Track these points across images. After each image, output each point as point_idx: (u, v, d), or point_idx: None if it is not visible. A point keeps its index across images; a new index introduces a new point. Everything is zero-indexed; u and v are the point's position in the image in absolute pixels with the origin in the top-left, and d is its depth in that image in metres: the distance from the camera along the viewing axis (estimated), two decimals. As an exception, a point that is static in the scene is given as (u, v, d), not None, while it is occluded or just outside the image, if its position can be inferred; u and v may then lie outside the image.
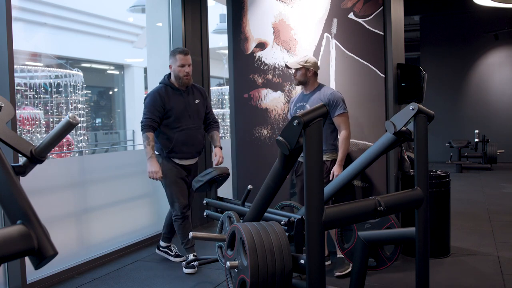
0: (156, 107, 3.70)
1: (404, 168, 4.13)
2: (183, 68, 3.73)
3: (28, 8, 10.34)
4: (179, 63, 3.73)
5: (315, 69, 3.69)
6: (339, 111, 3.60)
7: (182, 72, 3.73)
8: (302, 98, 3.77)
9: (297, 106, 3.78)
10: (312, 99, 3.67)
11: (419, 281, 2.22)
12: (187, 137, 3.79)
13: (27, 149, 1.61)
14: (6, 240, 1.22)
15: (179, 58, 3.73)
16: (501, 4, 7.64)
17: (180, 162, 3.82)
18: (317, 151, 1.86)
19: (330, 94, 3.63)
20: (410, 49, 12.21)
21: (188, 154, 3.82)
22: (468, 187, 7.95)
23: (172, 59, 3.77)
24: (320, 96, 3.65)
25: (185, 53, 3.76)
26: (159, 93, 3.73)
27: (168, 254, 4.13)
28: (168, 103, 3.73)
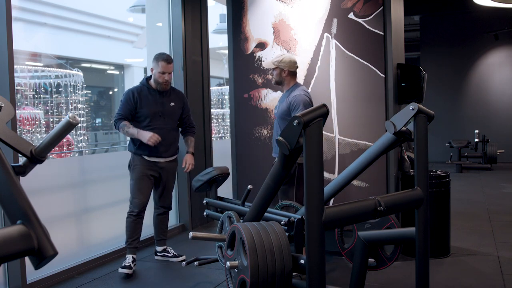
0: (128, 105, 3.79)
1: (404, 168, 4.13)
2: (163, 75, 3.80)
3: (28, 8, 10.33)
4: (160, 69, 3.79)
5: (290, 69, 3.66)
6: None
7: (161, 78, 3.81)
8: (280, 97, 3.82)
9: (276, 104, 3.82)
10: (283, 99, 3.71)
11: (419, 281, 2.22)
12: None
13: (27, 149, 1.61)
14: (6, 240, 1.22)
15: (162, 66, 3.79)
16: (501, 4, 7.64)
17: (149, 159, 3.84)
18: (317, 151, 1.86)
19: (293, 96, 3.59)
20: (410, 49, 12.21)
21: (156, 152, 3.82)
22: (468, 187, 7.95)
23: (155, 64, 3.82)
24: (287, 97, 3.65)
25: (168, 61, 3.82)
26: (132, 92, 3.83)
27: (166, 256, 4.13)
28: (140, 103, 3.80)
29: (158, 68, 3.79)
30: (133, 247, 3.87)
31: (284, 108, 3.61)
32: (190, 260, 3.37)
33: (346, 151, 4.01)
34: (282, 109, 3.64)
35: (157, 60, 3.82)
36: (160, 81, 3.81)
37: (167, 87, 3.88)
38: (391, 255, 2.59)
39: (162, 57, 3.83)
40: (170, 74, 3.86)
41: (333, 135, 4.05)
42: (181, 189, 5.27)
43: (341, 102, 4.03)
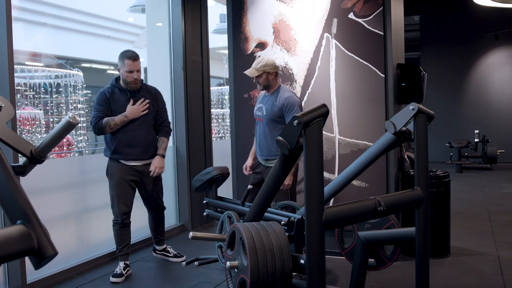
0: (105, 105, 3.61)
1: (404, 168, 4.13)
2: (130, 74, 3.59)
3: (28, 8, 10.33)
4: (127, 68, 3.59)
5: (275, 70, 3.66)
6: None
7: (129, 78, 3.60)
8: (262, 99, 3.77)
9: (257, 107, 3.78)
10: (270, 101, 3.65)
11: (419, 281, 2.22)
12: (131, 138, 3.65)
13: (27, 149, 1.61)
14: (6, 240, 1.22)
15: (128, 64, 3.58)
16: (501, 4, 7.64)
17: (126, 163, 3.68)
18: (317, 151, 1.86)
19: (285, 98, 3.57)
20: (410, 49, 12.21)
21: (133, 155, 3.66)
22: (468, 187, 7.95)
23: (121, 63, 3.62)
24: (276, 99, 3.62)
25: (134, 58, 3.60)
26: (105, 93, 3.65)
27: (166, 256, 4.09)
28: (113, 104, 3.64)
29: (125, 67, 3.59)
30: (124, 253, 3.76)
31: (275, 110, 3.59)
32: (190, 260, 3.37)
33: (346, 151, 4.01)
34: (273, 112, 3.60)
35: (122, 58, 3.61)
36: (129, 80, 3.61)
37: (137, 86, 3.66)
38: (391, 255, 2.59)
39: (127, 54, 3.61)
40: (139, 72, 3.64)
41: (333, 135, 4.05)
42: (181, 189, 5.27)
43: (341, 102, 4.03)
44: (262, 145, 3.72)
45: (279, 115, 3.58)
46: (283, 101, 3.56)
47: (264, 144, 3.70)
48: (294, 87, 4.16)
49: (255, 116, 3.78)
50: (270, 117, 3.63)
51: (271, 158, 3.69)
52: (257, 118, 3.75)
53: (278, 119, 3.60)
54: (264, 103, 3.70)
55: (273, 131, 3.62)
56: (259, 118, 3.72)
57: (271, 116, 3.62)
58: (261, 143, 3.72)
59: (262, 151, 3.73)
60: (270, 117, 3.63)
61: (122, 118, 3.57)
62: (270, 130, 3.64)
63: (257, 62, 3.61)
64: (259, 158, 3.80)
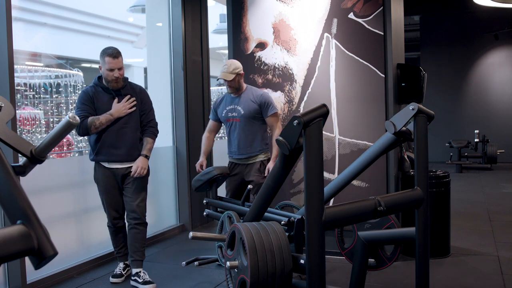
0: (88, 104, 3.42)
1: (404, 168, 4.13)
2: (111, 72, 3.36)
3: (28, 8, 10.33)
4: (107, 66, 3.35)
5: (242, 72, 3.78)
6: (272, 111, 3.75)
7: (110, 76, 3.38)
8: (232, 100, 3.81)
9: (227, 109, 3.81)
10: (244, 101, 3.74)
11: (419, 281, 2.22)
12: (115, 138, 3.44)
13: (27, 149, 1.61)
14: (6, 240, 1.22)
15: (108, 62, 3.35)
16: (501, 4, 7.64)
17: (109, 166, 3.47)
18: (317, 151, 1.86)
19: (261, 95, 3.76)
20: (410, 49, 12.20)
21: (116, 156, 3.44)
22: (468, 187, 7.95)
23: (101, 60, 3.39)
24: (250, 96, 3.75)
25: (114, 55, 3.36)
26: (88, 93, 3.46)
27: (137, 282, 3.48)
28: (96, 103, 3.45)
29: (105, 64, 3.35)
30: (122, 254, 3.69)
31: (255, 108, 3.72)
32: (190, 260, 3.37)
33: (346, 151, 4.01)
34: (252, 109, 3.72)
35: (102, 56, 3.38)
36: (109, 79, 3.39)
37: (118, 85, 3.44)
38: (391, 255, 2.59)
39: (107, 52, 3.37)
40: (121, 70, 3.40)
41: (333, 135, 4.05)
42: (181, 189, 5.27)
43: (341, 102, 4.03)
44: (242, 144, 3.76)
45: (258, 111, 3.73)
46: (260, 98, 3.74)
47: (245, 143, 3.75)
48: (294, 87, 4.16)
49: (227, 118, 3.81)
50: (249, 115, 3.73)
51: (254, 155, 3.78)
52: (231, 119, 3.80)
53: (257, 115, 3.74)
54: (237, 103, 3.77)
55: (252, 128, 3.75)
56: (234, 119, 3.78)
57: (250, 114, 3.73)
58: (241, 142, 3.76)
59: (242, 150, 3.77)
60: (248, 116, 3.73)
61: (108, 116, 3.38)
62: (249, 128, 3.74)
63: (228, 66, 3.70)
64: (235, 159, 3.82)
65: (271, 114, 3.75)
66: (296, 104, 4.17)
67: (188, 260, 3.40)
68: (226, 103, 3.85)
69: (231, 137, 3.83)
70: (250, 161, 3.78)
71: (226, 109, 3.82)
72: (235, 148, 3.79)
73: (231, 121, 3.81)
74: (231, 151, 3.85)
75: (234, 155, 3.82)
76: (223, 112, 3.84)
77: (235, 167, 3.85)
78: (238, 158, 3.80)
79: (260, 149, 3.78)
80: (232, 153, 3.83)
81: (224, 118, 3.84)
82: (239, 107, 3.76)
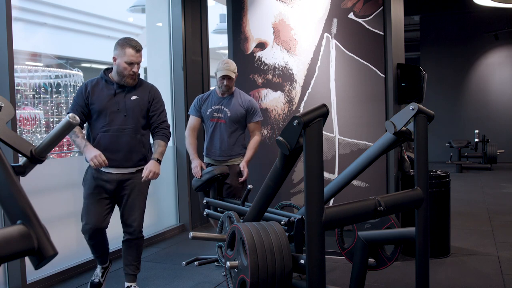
0: (79, 101, 3.04)
1: (404, 168, 4.13)
2: (130, 66, 3.00)
3: (28, 8, 10.33)
4: (127, 59, 2.98)
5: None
6: (258, 118, 3.79)
7: (127, 70, 3.00)
8: (219, 100, 3.79)
9: (212, 108, 3.79)
10: (232, 103, 3.75)
11: (419, 281, 2.22)
12: (112, 141, 3.03)
13: (27, 149, 1.61)
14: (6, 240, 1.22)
15: (129, 54, 2.98)
16: (501, 4, 7.64)
17: (105, 170, 3.05)
18: (317, 151, 1.86)
19: (249, 101, 3.79)
20: (410, 49, 12.22)
21: (112, 161, 3.01)
22: (468, 187, 7.95)
23: (119, 51, 3.00)
24: (239, 100, 3.76)
25: (138, 49, 3.02)
26: (86, 85, 3.08)
27: None
28: (91, 97, 3.03)
29: (125, 57, 2.98)
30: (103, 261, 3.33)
31: (242, 112, 3.74)
32: (190, 260, 3.37)
33: (346, 151, 4.01)
34: (239, 113, 3.73)
35: (122, 47, 2.99)
36: (126, 73, 3.01)
37: (134, 82, 3.09)
38: (391, 255, 2.59)
39: (130, 43, 3.00)
40: (139, 65, 3.06)
41: (333, 135, 4.05)
42: (181, 189, 5.27)
43: (341, 102, 4.03)
44: (224, 146, 3.75)
45: (244, 116, 3.76)
46: (248, 103, 3.77)
47: (227, 145, 3.75)
48: (294, 87, 4.17)
49: (212, 118, 3.78)
50: (235, 118, 3.73)
51: (234, 157, 3.79)
52: (216, 119, 3.78)
53: (242, 119, 3.76)
54: (225, 105, 3.76)
55: (235, 132, 3.76)
56: (220, 119, 3.77)
57: (236, 118, 3.73)
58: (223, 143, 3.76)
59: (224, 152, 3.77)
60: (234, 119, 3.73)
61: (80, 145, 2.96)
62: (233, 131, 3.75)
63: (230, 64, 3.72)
64: (215, 160, 3.81)
65: (256, 120, 3.78)
66: (296, 104, 4.17)
67: (188, 260, 3.40)
68: (212, 101, 3.81)
69: (213, 137, 3.79)
70: (229, 163, 3.78)
71: (212, 108, 3.79)
72: (216, 149, 3.78)
73: (215, 121, 3.78)
74: (210, 151, 3.81)
75: (214, 156, 3.80)
76: (207, 110, 3.80)
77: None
78: (218, 160, 3.79)
79: (239, 152, 3.79)
80: (212, 154, 3.80)
81: (209, 116, 3.79)
82: (226, 109, 3.75)
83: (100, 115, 3.04)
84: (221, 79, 3.69)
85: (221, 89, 3.75)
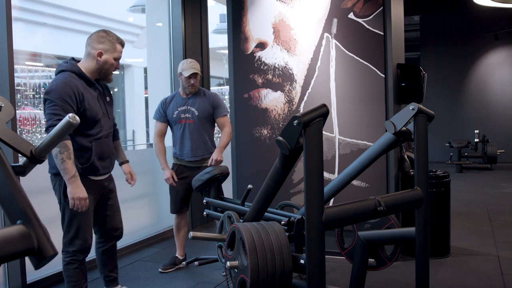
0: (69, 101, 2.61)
1: (404, 168, 4.13)
2: (116, 62, 2.83)
3: (28, 8, 10.33)
4: (117, 55, 2.81)
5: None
6: (225, 112, 3.83)
7: (114, 67, 2.82)
8: (185, 101, 3.81)
9: (179, 110, 3.80)
10: (197, 102, 3.78)
11: (419, 281, 2.22)
12: (104, 148, 2.85)
13: (27, 149, 1.61)
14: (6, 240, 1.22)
15: (119, 50, 2.82)
16: (501, 4, 7.64)
17: (95, 178, 2.84)
18: (317, 151, 1.86)
19: (214, 95, 3.86)
20: (410, 49, 12.22)
21: (105, 168, 2.88)
22: (468, 187, 7.95)
23: (109, 46, 2.77)
24: (203, 97, 3.81)
25: (124, 45, 2.87)
26: (71, 86, 2.63)
27: None
28: (83, 100, 2.69)
29: (115, 53, 2.79)
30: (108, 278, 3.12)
31: (208, 108, 3.78)
32: (190, 260, 3.38)
33: (346, 151, 4.01)
34: (206, 110, 3.77)
35: (111, 42, 2.78)
36: (112, 70, 2.83)
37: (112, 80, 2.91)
38: (391, 255, 2.59)
39: (119, 39, 2.83)
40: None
41: (333, 135, 4.05)
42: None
43: (341, 102, 4.03)
44: (196, 146, 3.77)
45: (211, 112, 3.79)
46: (213, 98, 3.84)
47: (198, 144, 3.77)
48: (294, 87, 4.17)
49: (180, 119, 3.79)
50: (203, 116, 3.77)
51: (206, 157, 3.81)
52: (184, 120, 3.79)
53: (210, 116, 3.80)
54: (191, 105, 3.78)
55: (205, 130, 3.80)
56: (188, 120, 3.78)
57: (204, 115, 3.77)
58: (194, 144, 3.77)
59: (196, 152, 3.78)
60: (202, 116, 3.77)
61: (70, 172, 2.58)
62: (203, 130, 3.78)
63: (194, 63, 3.79)
64: (187, 161, 3.82)
65: (223, 114, 3.81)
66: (296, 104, 4.17)
67: (188, 260, 3.41)
68: (177, 103, 3.82)
69: (183, 139, 3.78)
70: (203, 164, 3.80)
71: (178, 110, 3.79)
72: (188, 150, 3.78)
73: (183, 122, 3.78)
74: (182, 153, 3.81)
75: (187, 158, 3.80)
76: (174, 113, 3.80)
77: (184, 170, 3.83)
78: (190, 161, 3.80)
79: (212, 151, 3.81)
80: (184, 156, 3.80)
81: (176, 119, 3.79)
82: (193, 108, 3.76)
83: (93, 120, 2.76)
84: (187, 78, 3.72)
85: (188, 89, 3.76)
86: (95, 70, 2.79)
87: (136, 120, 11.55)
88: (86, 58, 2.80)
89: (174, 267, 3.89)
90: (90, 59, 2.78)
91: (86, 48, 2.81)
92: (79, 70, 2.73)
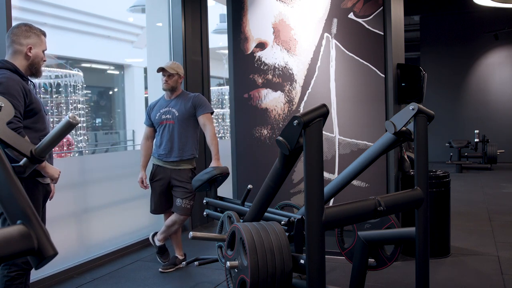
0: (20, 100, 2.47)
1: (404, 168, 4.13)
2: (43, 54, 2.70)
3: (28, 8, 10.34)
4: (44, 47, 2.68)
5: (183, 77, 3.91)
6: (207, 110, 3.79)
7: (42, 61, 2.69)
8: (167, 103, 3.85)
9: (161, 112, 3.83)
10: (178, 103, 3.81)
11: (419, 281, 2.22)
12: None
13: (27, 149, 1.61)
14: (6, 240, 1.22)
15: (45, 42, 2.70)
16: (501, 4, 7.64)
17: (43, 181, 2.69)
18: (317, 151, 1.86)
19: (195, 96, 3.84)
20: (410, 49, 12.22)
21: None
22: (468, 187, 7.95)
23: (36, 40, 2.63)
24: (185, 98, 3.83)
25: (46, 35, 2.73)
26: (14, 80, 2.48)
27: None
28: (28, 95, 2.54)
29: (42, 45, 2.67)
30: None
31: (189, 109, 3.77)
32: (190, 260, 3.37)
33: (346, 151, 4.01)
34: (187, 111, 3.76)
35: (36, 34, 2.65)
36: (42, 64, 2.69)
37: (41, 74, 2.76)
38: (391, 255, 2.59)
39: (42, 31, 2.70)
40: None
41: (333, 135, 4.05)
42: (181, 189, 5.27)
43: (341, 102, 4.03)
44: (175, 146, 3.77)
45: (192, 112, 3.78)
46: (194, 98, 3.81)
47: (177, 145, 3.77)
48: (294, 87, 4.16)
49: (161, 121, 3.81)
50: (183, 116, 3.77)
51: (185, 159, 3.79)
52: (165, 121, 3.81)
53: (191, 116, 3.79)
54: (172, 106, 3.81)
55: (186, 132, 3.79)
56: (168, 121, 3.80)
57: (185, 115, 3.77)
58: (173, 143, 3.77)
59: (174, 153, 3.78)
60: (183, 117, 3.77)
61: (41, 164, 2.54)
62: (184, 130, 3.78)
63: (172, 63, 3.82)
64: (164, 162, 3.82)
65: (205, 112, 3.78)
66: (296, 104, 4.17)
67: (188, 260, 3.40)
68: (160, 106, 3.87)
69: (162, 139, 3.81)
70: (180, 166, 3.79)
71: (160, 111, 3.84)
72: (166, 150, 3.78)
73: (164, 123, 3.81)
74: (159, 153, 3.82)
75: (164, 158, 3.80)
76: (156, 115, 3.84)
77: (161, 170, 3.84)
78: (167, 161, 3.80)
79: (191, 154, 3.80)
80: (162, 156, 3.81)
81: (158, 120, 3.82)
82: (173, 109, 3.78)
83: (40, 116, 2.61)
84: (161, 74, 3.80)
85: (163, 86, 3.82)
86: (26, 67, 2.62)
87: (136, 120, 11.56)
88: (13, 55, 2.59)
89: (174, 267, 3.89)
90: (18, 55, 2.59)
91: (10, 46, 2.59)
92: (14, 67, 2.55)
